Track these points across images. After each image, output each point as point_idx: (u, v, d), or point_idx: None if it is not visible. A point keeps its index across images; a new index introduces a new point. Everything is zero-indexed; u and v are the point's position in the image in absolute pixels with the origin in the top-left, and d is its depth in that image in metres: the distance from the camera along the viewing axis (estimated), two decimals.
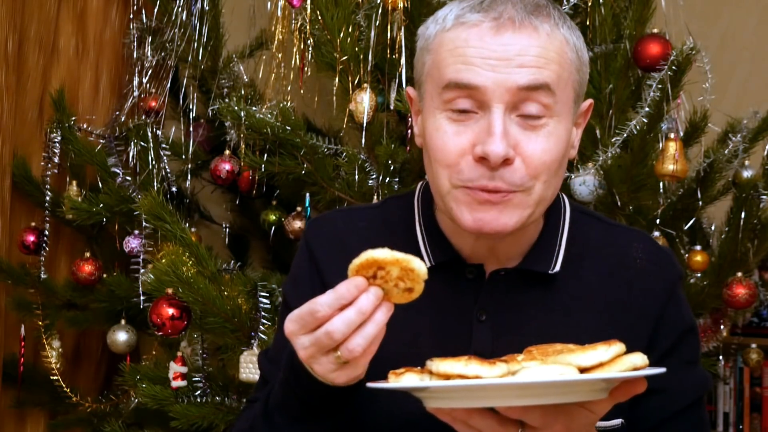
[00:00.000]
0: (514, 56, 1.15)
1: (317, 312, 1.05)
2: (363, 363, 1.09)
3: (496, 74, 1.15)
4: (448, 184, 1.19)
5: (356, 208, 1.46)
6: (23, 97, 2.47)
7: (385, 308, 1.06)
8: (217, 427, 2.01)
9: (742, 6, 2.94)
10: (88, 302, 2.41)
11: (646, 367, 1.04)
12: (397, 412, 1.24)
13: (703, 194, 2.06)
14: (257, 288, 2.00)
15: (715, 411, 2.82)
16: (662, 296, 1.29)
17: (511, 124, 1.16)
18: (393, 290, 1.06)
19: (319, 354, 1.08)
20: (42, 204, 2.43)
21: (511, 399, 1.03)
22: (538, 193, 1.19)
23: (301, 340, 1.08)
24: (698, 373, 1.33)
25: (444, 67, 1.18)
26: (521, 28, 1.16)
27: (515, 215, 1.18)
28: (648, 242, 1.34)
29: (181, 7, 2.29)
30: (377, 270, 1.04)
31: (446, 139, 1.18)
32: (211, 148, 2.46)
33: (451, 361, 1.03)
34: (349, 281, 1.05)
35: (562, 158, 1.21)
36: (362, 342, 1.05)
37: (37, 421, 2.56)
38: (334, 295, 1.05)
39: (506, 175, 1.16)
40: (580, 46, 1.22)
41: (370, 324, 1.05)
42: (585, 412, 1.07)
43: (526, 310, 1.27)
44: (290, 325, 1.08)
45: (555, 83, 1.17)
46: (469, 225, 1.19)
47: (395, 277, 1.04)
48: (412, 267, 1.04)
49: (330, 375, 1.09)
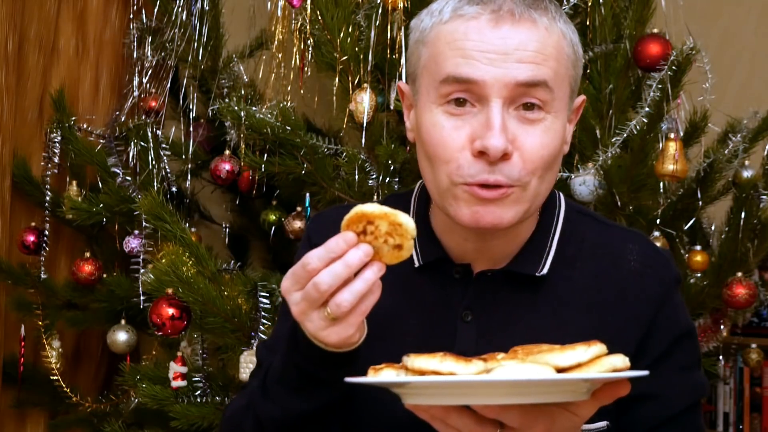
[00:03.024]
0: (513, 50, 1.15)
1: (308, 265, 1.06)
2: (353, 322, 1.08)
3: (495, 68, 1.14)
4: (448, 181, 1.18)
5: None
6: (23, 97, 2.47)
7: (376, 267, 1.06)
8: (217, 427, 2.01)
9: (742, 6, 2.94)
10: (88, 302, 2.41)
11: (627, 369, 1.02)
12: (386, 412, 1.23)
13: (703, 194, 2.06)
14: (257, 288, 2.00)
15: (715, 411, 2.82)
16: (655, 300, 1.26)
17: (509, 118, 1.16)
18: (383, 248, 1.07)
19: (309, 309, 1.08)
20: (42, 204, 2.43)
21: (486, 397, 1.02)
22: (533, 188, 1.18)
23: (293, 296, 1.09)
24: (693, 378, 1.30)
25: (442, 61, 1.18)
26: (520, 20, 1.16)
27: (512, 210, 1.18)
28: (643, 244, 1.32)
29: (181, 7, 2.29)
30: (366, 225, 1.06)
31: (444, 134, 1.17)
32: (211, 148, 2.46)
33: (426, 357, 1.03)
34: (339, 235, 1.06)
35: (557, 154, 1.21)
36: (350, 297, 1.05)
37: (37, 421, 2.56)
38: (325, 249, 1.06)
39: (505, 170, 1.15)
40: (575, 41, 1.22)
41: (358, 280, 1.06)
42: (567, 414, 1.06)
43: (513, 311, 1.26)
44: (285, 281, 1.10)
45: (552, 80, 1.17)
46: (467, 219, 1.18)
47: (384, 233, 1.06)
48: (400, 221, 1.06)
49: (321, 333, 1.09)
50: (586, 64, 2.04)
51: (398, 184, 1.99)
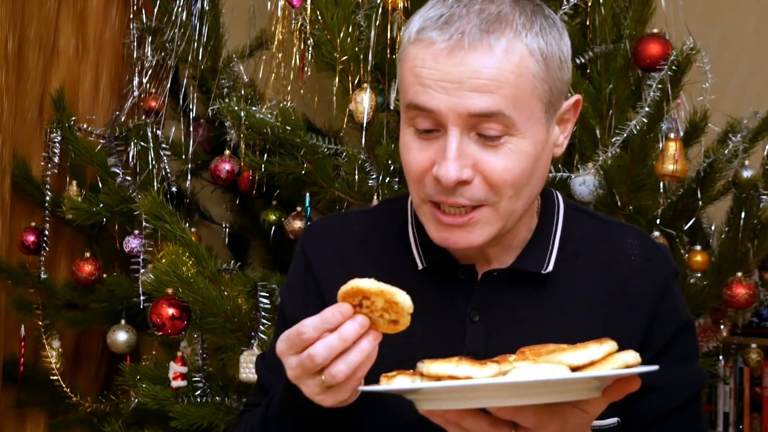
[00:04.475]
0: (467, 79, 1.13)
1: (303, 334, 1.07)
2: (348, 389, 1.09)
3: (449, 98, 1.14)
4: (417, 198, 1.21)
5: (351, 212, 1.46)
6: (23, 97, 2.47)
7: (372, 336, 1.07)
8: (217, 427, 2.01)
9: (742, 6, 2.94)
10: (88, 302, 2.41)
11: (638, 364, 1.04)
12: (391, 416, 1.24)
13: (703, 194, 2.06)
14: (257, 288, 2.00)
15: (715, 411, 2.82)
16: (656, 293, 1.28)
17: (469, 143, 1.16)
18: (379, 320, 1.06)
19: (304, 376, 1.09)
20: (42, 204, 2.43)
21: (502, 399, 1.02)
22: (505, 207, 1.19)
23: (289, 360, 1.10)
24: (694, 370, 1.32)
25: (406, 87, 1.19)
26: (475, 48, 1.14)
27: (484, 232, 1.19)
28: (642, 238, 1.33)
29: (181, 7, 2.29)
30: (363, 299, 1.05)
31: (412, 156, 1.19)
32: (211, 148, 2.46)
33: (441, 363, 1.03)
34: (335, 306, 1.06)
35: (531, 171, 1.19)
36: (344, 369, 1.05)
37: (37, 421, 2.56)
38: (321, 319, 1.06)
39: (467, 193, 1.16)
40: (549, 51, 1.18)
41: (354, 351, 1.06)
42: (578, 412, 1.07)
43: (520, 310, 1.27)
44: (280, 344, 1.10)
45: (510, 107, 1.15)
46: (437, 241, 1.21)
47: (380, 308, 1.05)
48: (396, 300, 1.05)
49: (316, 397, 1.10)
50: (585, 63, 2.04)
51: (398, 184, 1.99)
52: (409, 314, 1.06)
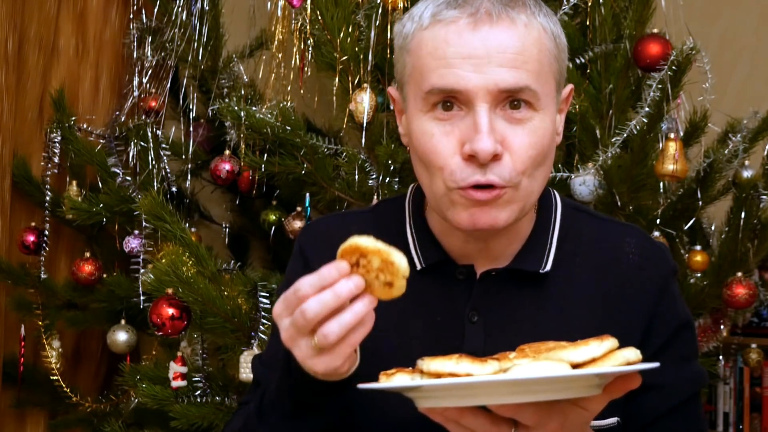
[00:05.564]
0: (495, 53, 1.15)
1: (299, 291, 1.05)
2: (341, 353, 1.07)
3: (478, 75, 1.15)
4: (444, 186, 1.19)
5: (349, 212, 1.46)
6: (23, 97, 2.47)
7: (366, 300, 1.05)
8: (217, 427, 2.01)
9: (742, 6, 2.95)
10: (88, 302, 2.41)
11: (639, 362, 1.03)
12: (391, 415, 1.23)
13: (703, 194, 2.06)
14: (257, 288, 2.00)
15: (715, 411, 2.82)
16: (655, 292, 1.28)
17: (497, 119, 1.16)
18: (375, 282, 1.05)
19: (297, 336, 1.07)
20: (42, 204, 2.43)
21: (502, 397, 1.02)
22: (525, 187, 1.19)
23: (284, 321, 1.08)
24: (693, 369, 1.32)
25: (427, 72, 1.18)
26: (498, 21, 1.16)
27: (507, 210, 1.19)
28: (640, 237, 1.33)
29: (181, 7, 2.29)
30: (360, 257, 1.04)
31: (435, 142, 1.18)
32: (211, 148, 2.46)
33: (441, 360, 1.03)
34: (332, 264, 1.05)
35: (548, 150, 1.21)
36: (336, 329, 1.03)
37: (37, 421, 2.56)
38: (317, 276, 1.04)
39: (496, 170, 1.16)
40: (558, 32, 1.22)
41: (347, 312, 1.04)
42: (579, 409, 1.07)
43: (519, 309, 1.27)
44: (277, 306, 1.09)
45: (535, 81, 1.17)
46: (465, 223, 1.19)
47: (376, 268, 1.04)
48: (392, 260, 1.04)
49: (308, 361, 1.08)
50: (585, 63, 2.04)
51: (398, 184, 1.99)
52: (405, 278, 1.04)
